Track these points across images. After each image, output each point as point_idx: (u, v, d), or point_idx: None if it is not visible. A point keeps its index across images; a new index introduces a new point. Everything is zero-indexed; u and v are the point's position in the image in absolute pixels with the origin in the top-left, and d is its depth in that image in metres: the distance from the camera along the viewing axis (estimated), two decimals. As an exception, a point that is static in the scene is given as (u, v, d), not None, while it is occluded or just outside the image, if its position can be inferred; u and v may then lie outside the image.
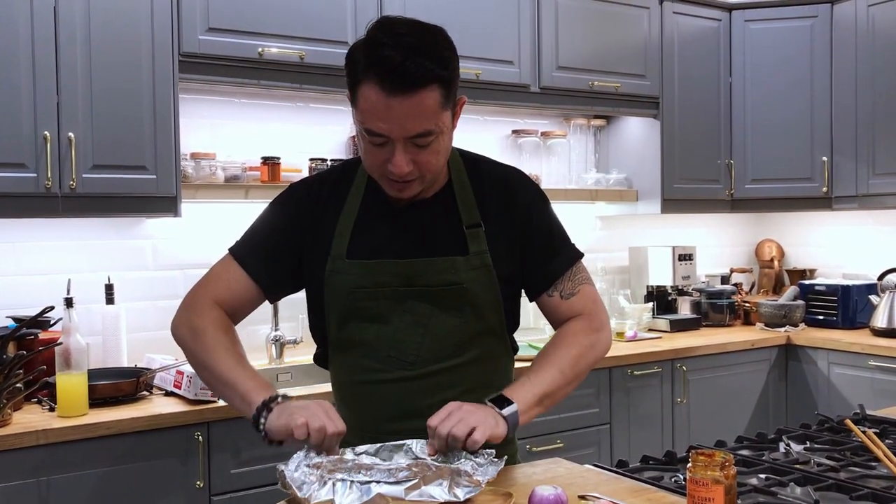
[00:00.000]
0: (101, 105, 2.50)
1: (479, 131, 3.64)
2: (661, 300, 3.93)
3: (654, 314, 3.85)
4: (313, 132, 3.24)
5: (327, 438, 1.39)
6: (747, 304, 4.06)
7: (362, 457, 1.39)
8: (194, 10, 2.64)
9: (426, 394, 1.57)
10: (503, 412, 1.46)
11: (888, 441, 1.87)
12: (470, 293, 1.58)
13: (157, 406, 2.41)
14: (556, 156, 3.79)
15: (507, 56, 3.27)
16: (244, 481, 2.44)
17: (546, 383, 1.54)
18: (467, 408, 1.43)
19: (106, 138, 2.51)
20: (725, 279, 4.30)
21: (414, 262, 1.58)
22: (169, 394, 2.54)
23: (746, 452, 1.81)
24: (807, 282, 4.04)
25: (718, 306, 3.98)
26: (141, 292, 2.94)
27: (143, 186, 2.58)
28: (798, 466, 1.67)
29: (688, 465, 1.30)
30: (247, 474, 2.45)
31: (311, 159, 3.07)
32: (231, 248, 1.69)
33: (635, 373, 3.28)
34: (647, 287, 3.98)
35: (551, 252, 1.66)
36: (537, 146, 3.74)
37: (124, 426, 2.28)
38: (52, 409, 2.35)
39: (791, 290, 3.94)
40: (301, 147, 3.17)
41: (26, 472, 2.16)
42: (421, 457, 1.41)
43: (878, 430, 1.94)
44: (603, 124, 4.00)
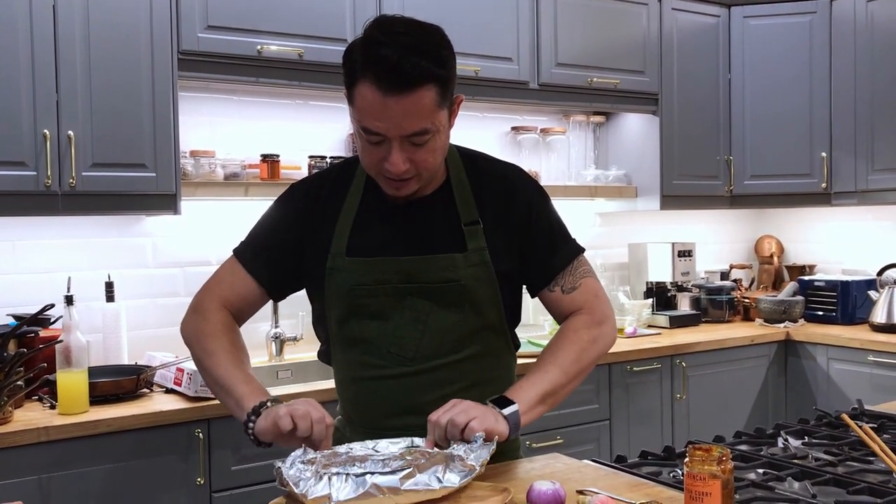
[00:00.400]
0: (101, 103, 2.51)
1: (479, 128, 3.65)
2: (660, 296, 3.94)
3: (653, 310, 3.85)
4: (312, 129, 3.24)
5: (315, 425, 1.39)
6: (747, 300, 4.06)
7: (355, 448, 1.40)
8: (193, 7, 2.65)
9: (426, 390, 1.58)
10: (503, 412, 1.46)
11: (886, 436, 1.88)
12: (469, 290, 1.59)
13: (158, 403, 2.42)
14: (556, 152, 3.79)
15: (506, 53, 3.27)
16: (245, 478, 2.45)
17: (548, 382, 1.54)
18: (468, 403, 1.45)
19: (105, 136, 2.52)
20: (725, 275, 4.30)
21: (413, 260, 1.58)
22: (169, 391, 2.55)
23: (745, 447, 1.81)
24: (806, 277, 4.05)
25: (718, 302, 3.98)
26: (141, 290, 2.94)
27: (142, 184, 2.58)
28: (796, 461, 1.68)
29: (685, 459, 1.31)
30: (247, 471, 2.46)
31: (311, 157, 3.07)
32: (235, 249, 1.70)
33: (635, 369, 3.28)
34: (647, 283, 3.98)
35: (552, 247, 1.66)
36: (536, 143, 3.74)
37: (125, 423, 2.29)
38: (52, 407, 2.35)
39: (790, 286, 3.94)
40: (300, 144, 3.17)
41: (27, 470, 2.16)
42: (417, 446, 1.42)
43: (876, 426, 1.95)
44: (602, 121, 3.99)
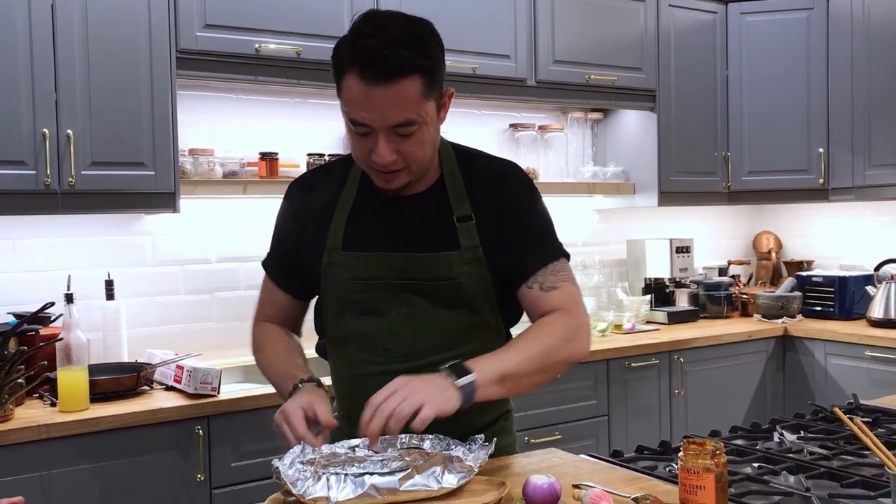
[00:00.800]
0: (100, 102, 2.52)
1: (477, 125, 3.65)
2: (658, 292, 3.95)
3: (651, 306, 3.87)
4: (311, 127, 3.25)
5: (293, 430, 1.42)
6: (745, 296, 4.07)
7: (356, 450, 1.40)
8: (191, 6, 2.65)
9: None
10: (458, 382, 1.38)
11: (881, 430, 1.89)
12: (463, 288, 1.58)
13: (158, 400, 2.43)
14: (554, 149, 3.80)
15: (504, 50, 3.28)
16: (244, 474, 2.46)
17: (511, 363, 1.46)
18: (414, 384, 1.36)
19: (104, 135, 2.53)
20: (723, 271, 4.30)
21: (407, 257, 1.58)
22: (169, 388, 2.56)
23: (741, 442, 1.83)
24: (804, 273, 4.05)
25: (716, 298, 3.99)
26: (141, 288, 2.96)
27: (141, 183, 2.59)
28: (791, 455, 1.69)
29: (679, 454, 1.32)
30: (247, 467, 2.47)
31: (309, 154, 3.08)
32: (262, 263, 1.77)
33: (633, 365, 3.29)
34: (645, 279, 3.99)
35: (533, 243, 1.62)
36: (534, 140, 3.75)
37: (125, 420, 2.29)
38: (53, 405, 2.36)
39: (788, 282, 3.95)
40: (299, 142, 3.18)
41: (28, 467, 2.17)
42: (414, 444, 1.42)
43: (870, 420, 1.96)
44: (600, 117, 4.00)
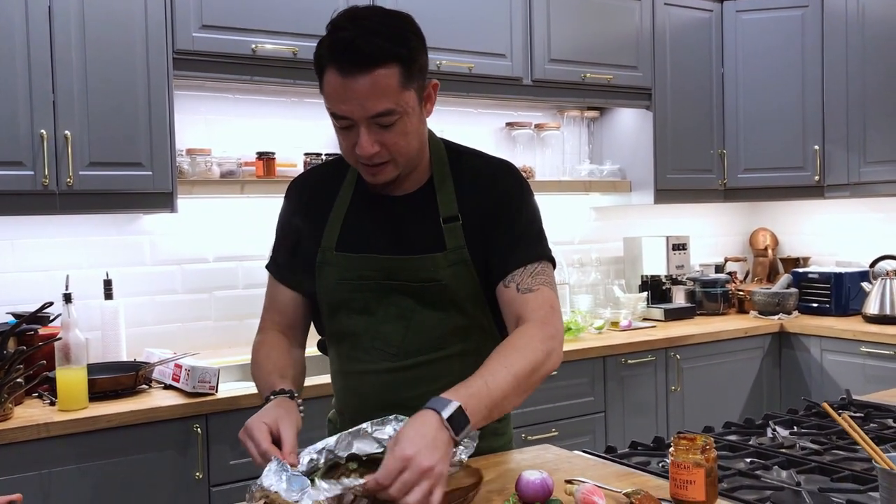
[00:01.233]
0: (97, 103, 2.53)
1: (473, 124, 3.67)
2: (655, 290, 3.96)
3: (648, 303, 3.88)
4: (307, 127, 3.26)
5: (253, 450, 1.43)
6: (741, 293, 4.08)
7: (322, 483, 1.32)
8: (188, 7, 2.66)
9: (409, 386, 1.58)
10: (459, 438, 1.29)
11: (874, 425, 1.91)
12: (450, 289, 1.57)
13: (156, 399, 2.45)
14: (550, 148, 3.81)
15: (500, 49, 3.29)
16: (243, 472, 2.47)
17: (502, 394, 1.38)
18: (421, 463, 1.21)
19: (102, 136, 2.54)
20: (720, 268, 4.32)
21: (394, 259, 1.57)
22: (168, 387, 2.57)
23: (734, 438, 1.84)
24: (800, 270, 4.07)
25: (712, 295, 4.01)
26: (139, 287, 2.97)
27: (139, 183, 2.61)
28: (783, 450, 1.71)
29: (670, 449, 1.34)
30: (245, 465, 2.47)
31: (306, 154, 3.09)
32: (266, 265, 1.75)
33: (629, 361, 3.31)
34: (642, 277, 4.00)
35: (517, 242, 1.57)
36: (531, 138, 3.76)
37: (124, 419, 2.31)
38: (52, 404, 2.38)
39: (784, 279, 3.97)
40: (296, 142, 3.19)
41: (28, 466, 2.19)
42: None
43: (863, 415, 1.98)
44: (596, 116, 4.02)
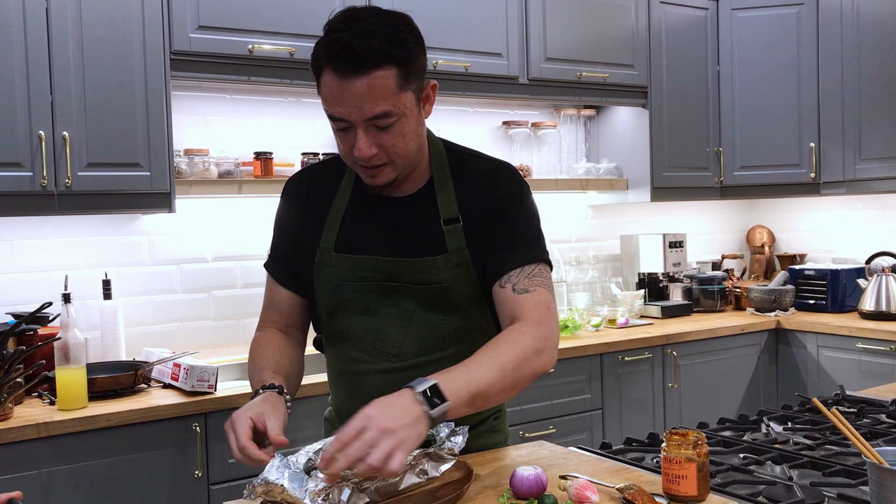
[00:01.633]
0: (95, 104, 2.54)
1: (470, 123, 3.68)
2: (652, 287, 3.98)
3: (645, 301, 3.90)
4: (305, 127, 3.27)
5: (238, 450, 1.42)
6: (738, 290, 4.10)
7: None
8: (185, 8, 2.68)
9: None
10: (433, 413, 1.28)
11: (867, 420, 1.93)
12: (451, 291, 1.57)
13: (155, 398, 2.46)
14: (547, 146, 3.82)
15: (496, 49, 3.30)
16: (242, 470, 2.48)
17: (483, 381, 1.37)
18: (385, 421, 1.22)
19: (100, 136, 2.55)
20: (717, 265, 4.34)
21: (395, 261, 1.57)
22: (167, 386, 2.59)
23: (728, 434, 1.85)
24: (797, 267, 4.09)
25: (709, 292, 4.02)
26: (138, 287, 2.98)
27: (137, 183, 2.62)
28: (776, 446, 1.72)
29: (663, 444, 1.35)
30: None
31: (304, 153, 3.11)
32: (265, 264, 1.75)
33: (626, 359, 3.32)
34: (639, 274, 4.02)
35: (514, 243, 1.57)
36: (528, 137, 3.78)
37: (123, 418, 2.32)
38: (52, 403, 2.39)
39: (781, 276, 3.98)
40: (293, 142, 3.21)
41: (28, 465, 2.20)
42: None
43: (855, 410, 2.00)
44: (593, 114, 4.03)
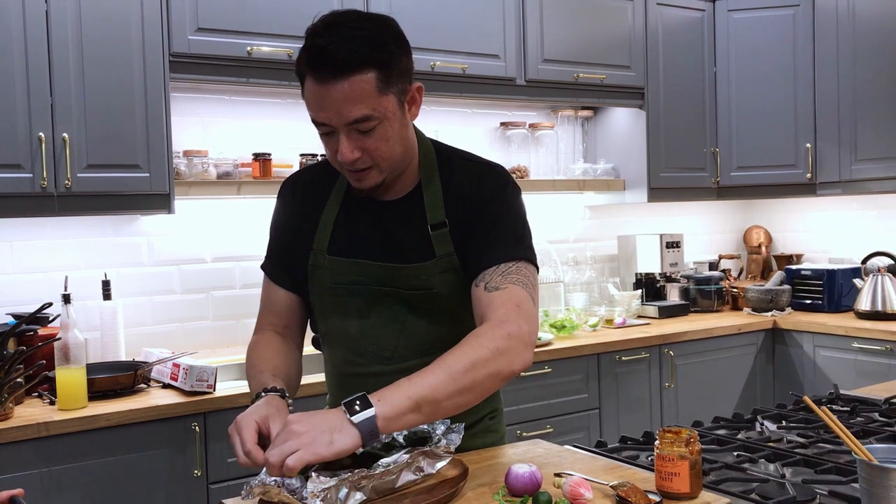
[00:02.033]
0: (94, 105, 2.56)
1: (468, 124, 3.70)
2: (649, 287, 3.99)
3: (642, 301, 3.91)
4: (303, 128, 3.25)
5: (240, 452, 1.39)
6: (735, 290, 4.11)
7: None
8: (184, 11, 2.69)
9: None
10: (354, 419, 1.27)
11: (860, 418, 1.94)
12: (441, 297, 1.57)
13: (155, 398, 2.47)
14: (545, 147, 3.84)
15: (493, 50, 3.32)
16: (240, 470, 2.48)
17: (428, 386, 1.32)
18: (297, 427, 1.27)
19: (99, 138, 2.57)
20: (714, 265, 4.36)
21: (385, 266, 1.57)
22: (166, 386, 2.60)
23: (722, 432, 1.87)
24: (793, 267, 4.10)
25: (706, 292, 4.04)
26: (137, 288, 3.00)
27: (136, 184, 2.63)
28: (770, 444, 1.73)
29: (656, 442, 1.37)
30: (243, 463, 2.51)
31: (302, 154, 3.12)
32: (261, 266, 1.74)
33: (623, 358, 3.34)
34: (636, 275, 4.03)
35: (493, 241, 1.54)
36: (525, 138, 3.79)
37: (123, 418, 2.34)
38: (52, 403, 2.41)
39: (777, 276, 4.00)
40: (291, 143, 3.22)
41: (28, 464, 2.22)
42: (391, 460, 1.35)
43: (849, 409, 2.01)
44: (590, 115, 4.05)
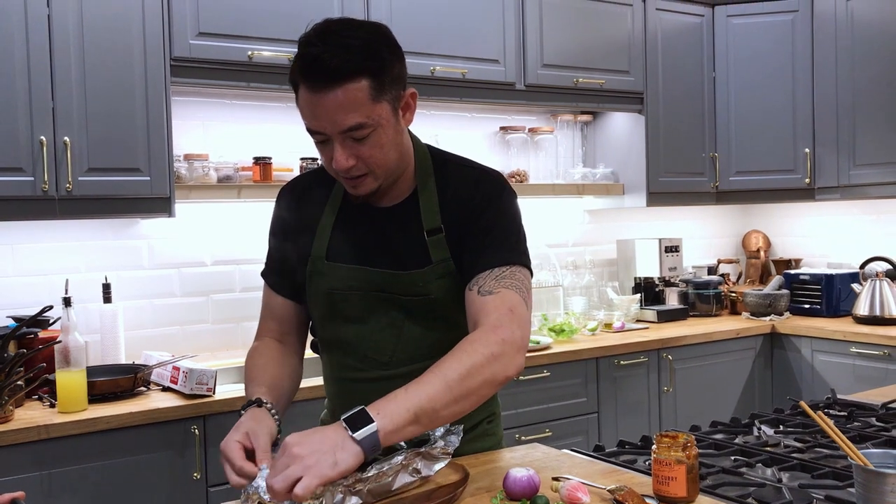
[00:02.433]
0: (96, 109, 2.56)
1: (467, 129, 3.71)
2: (648, 291, 4.00)
3: (641, 305, 3.92)
4: (303, 132, 3.21)
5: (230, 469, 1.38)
6: (734, 294, 4.12)
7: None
8: (185, 15, 2.70)
9: None
10: (356, 436, 1.26)
11: (857, 423, 1.95)
12: (439, 303, 1.56)
13: (155, 401, 2.48)
14: (544, 151, 3.85)
15: (493, 55, 3.33)
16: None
17: (426, 396, 1.32)
18: (298, 450, 1.24)
19: (100, 142, 2.57)
20: (712, 270, 4.37)
21: (383, 273, 1.57)
22: (166, 389, 2.61)
23: (720, 436, 1.88)
24: (792, 271, 4.11)
25: (705, 297, 4.05)
26: (137, 291, 3.01)
27: (137, 188, 2.64)
28: (767, 449, 1.74)
29: (653, 447, 1.38)
30: (243, 466, 2.52)
31: (302, 158, 3.13)
32: (261, 273, 1.74)
33: (622, 362, 3.35)
34: (635, 279, 4.04)
35: (487, 245, 1.53)
36: (525, 142, 3.80)
37: (123, 421, 2.34)
38: (52, 406, 2.41)
39: (776, 280, 4.01)
40: (292, 147, 3.22)
41: (29, 467, 2.22)
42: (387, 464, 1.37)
43: (846, 414, 2.02)
44: (589, 120, 4.06)
